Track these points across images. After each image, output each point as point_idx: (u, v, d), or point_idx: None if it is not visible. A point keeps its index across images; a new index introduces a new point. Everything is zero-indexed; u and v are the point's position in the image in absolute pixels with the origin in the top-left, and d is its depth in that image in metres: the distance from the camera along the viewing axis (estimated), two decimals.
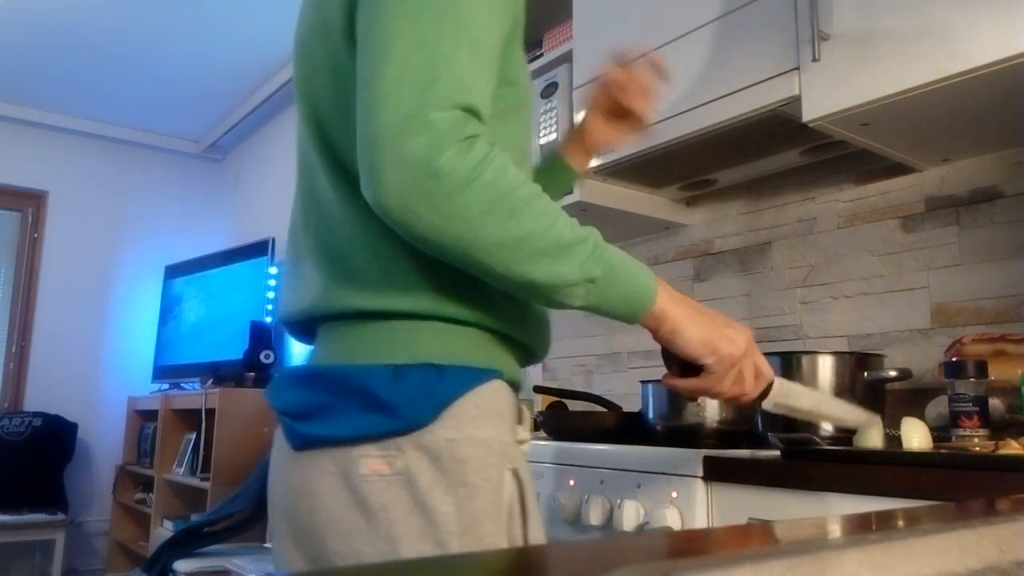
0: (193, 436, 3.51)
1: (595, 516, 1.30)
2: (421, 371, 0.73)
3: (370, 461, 0.72)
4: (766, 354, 1.05)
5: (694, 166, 1.87)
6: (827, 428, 1.31)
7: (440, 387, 0.73)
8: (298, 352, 3.80)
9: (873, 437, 1.10)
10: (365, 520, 0.71)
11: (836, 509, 1.03)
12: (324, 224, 0.81)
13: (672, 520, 1.19)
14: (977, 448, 1.06)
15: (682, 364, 0.81)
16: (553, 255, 0.70)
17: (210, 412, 3.29)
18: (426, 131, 0.67)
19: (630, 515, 1.25)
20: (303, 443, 0.75)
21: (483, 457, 0.74)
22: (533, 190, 0.71)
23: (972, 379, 1.13)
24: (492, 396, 0.77)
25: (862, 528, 0.34)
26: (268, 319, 3.66)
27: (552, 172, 1.15)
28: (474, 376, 0.76)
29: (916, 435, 1.08)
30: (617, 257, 0.75)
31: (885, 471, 0.97)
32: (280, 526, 0.79)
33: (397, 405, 0.71)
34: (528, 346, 0.84)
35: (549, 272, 0.71)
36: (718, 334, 0.79)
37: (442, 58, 0.69)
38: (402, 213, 0.67)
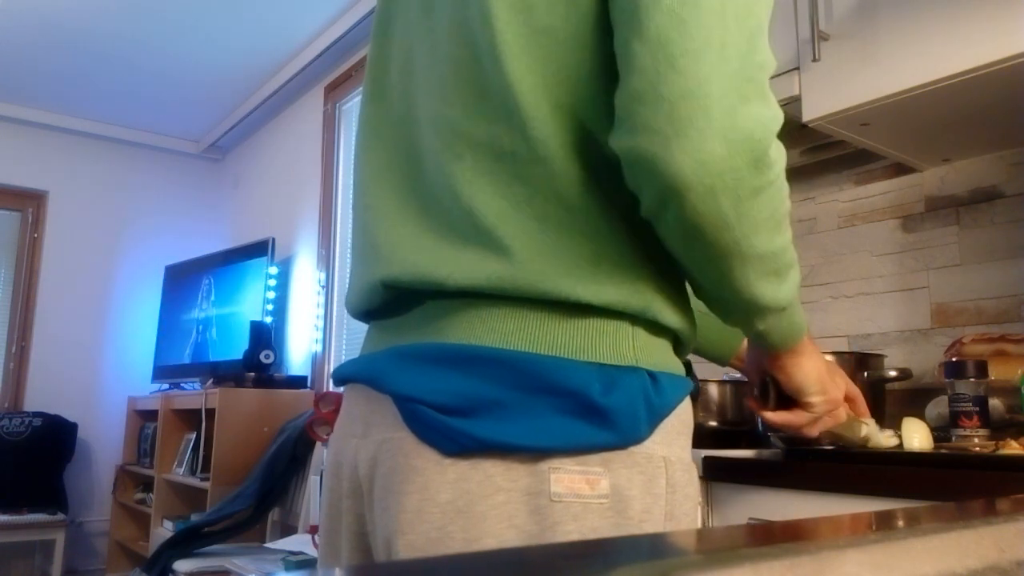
0: (193, 436, 3.51)
1: None
2: (635, 376, 0.60)
3: (565, 477, 0.58)
4: None
5: None
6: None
7: (658, 398, 0.61)
8: (300, 351, 3.80)
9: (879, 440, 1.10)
10: None
11: (836, 509, 1.03)
12: (504, 180, 0.62)
13: None
14: (977, 448, 1.06)
15: (780, 398, 0.79)
16: (781, 275, 0.62)
17: (210, 412, 3.29)
18: (761, 100, 0.54)
19: None
20: (469, 446, 0.58)
21: (687, 486, 0.63)
22: (788, 195, 0.61)
23: (972, 379, 1.13)
24: (688, 411, 0.66)
25: (862, 528, 0.34)
26: (268, 319, 3.66)
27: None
28: (682, 387, 0.65)
29: (916, 435, 1.08)
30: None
31: (885, 471, 0.97)
32: (388, 555, 0.61)
33: (614, 413, 0.58)
34: (685, 352, 0.70)
35: (774, 293, 0.62)
36: (828, 378, 0.77)
37: (761, 7, 0.56)
38: (702, 195, 0.54)
